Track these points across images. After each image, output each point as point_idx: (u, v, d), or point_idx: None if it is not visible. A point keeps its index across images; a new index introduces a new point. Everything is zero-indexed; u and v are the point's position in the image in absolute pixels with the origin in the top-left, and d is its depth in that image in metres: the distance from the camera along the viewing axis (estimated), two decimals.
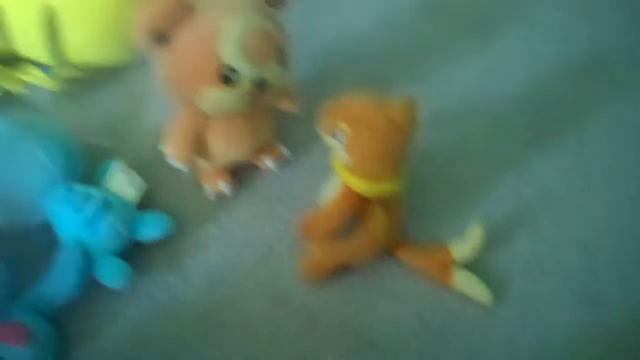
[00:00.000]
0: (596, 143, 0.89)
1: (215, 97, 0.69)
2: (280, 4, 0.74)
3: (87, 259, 0.74)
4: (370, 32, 1.02)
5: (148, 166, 0.85)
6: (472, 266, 0.75)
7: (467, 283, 0.74)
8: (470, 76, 0.97)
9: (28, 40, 0.88)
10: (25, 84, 0.93)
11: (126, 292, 0.76)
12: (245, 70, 0.67)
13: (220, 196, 0.84)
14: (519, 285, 0.76)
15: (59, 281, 0.73)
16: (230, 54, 0.66)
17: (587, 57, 0.99)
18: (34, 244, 0.79)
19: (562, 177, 0.86)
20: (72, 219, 0.75)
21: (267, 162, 0.85)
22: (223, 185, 0.83)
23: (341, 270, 0.77)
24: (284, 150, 0.86)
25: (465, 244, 0.74)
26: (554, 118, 0.92)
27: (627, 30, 1.03)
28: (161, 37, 0.66)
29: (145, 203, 0.82)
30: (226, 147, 0.79)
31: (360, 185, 0.67)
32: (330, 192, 0.71)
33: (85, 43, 0.89)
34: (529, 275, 0.77)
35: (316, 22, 1.03)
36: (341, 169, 0.68)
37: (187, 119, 0.76)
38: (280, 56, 0.70)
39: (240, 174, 0.86)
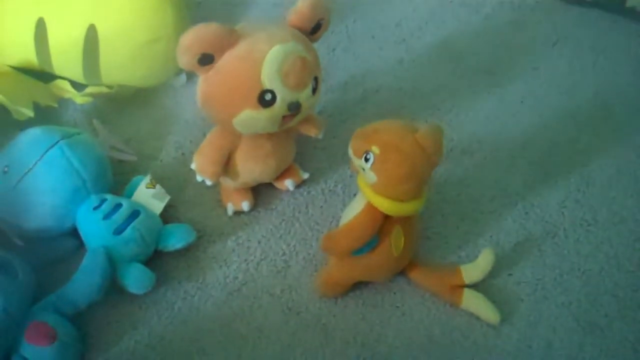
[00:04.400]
0: (600, 182, 0.94)
1: (251, 117, 0.73)
2: (317, 37, 0.79)
3: (112, 264, 0.77)
4: (385, 71, 1.08)
5: (172, 183, 0.90)
6: (480, 288, 0.79)
7: (476, 303, 0.78)
8: (480, 116, 1.02)
9: (66, 57, 0.93)
10: (58, 99, 0.97)
11: (147, 299, 0.80)
12: (283, 94, 0.72)
13: (239, 214, 0.88)
14: (523, 308, 0.81)
15: (83, 283, 0.75)
16: (270, 78, 0.71)
17: (591, 104, 1.05)
18: (61, 248, 0.82)
19: (566, 212, 0.91)
20: (100, 226, 0.79)
21: (287, 184, 0.89)
22: (245, 204, 0.87)
23: (355, 286, 0.81)
24: (303, 174, 0.91)
25: (476, 267, 0.78)
26: (560, 159, 0.97)
27: (630, 81, 1.09)
28: (206, 58, 0.71)
29: (168, 218, 0.86)
30: (252, 166, 0.83)
31: (385, 205, 0.71)
32: (353, 211, 0.75)
33: (120, 63, 0.94)
34: (533, 300, 0.81)
35: (334, 60, 1.09)
36: (367, 188, 0.72)
37: (218, 137, 0.81)
38: (315, 83, 0.76)
39: (259, 193, 0.90)
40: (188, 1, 1.02)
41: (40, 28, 0.91)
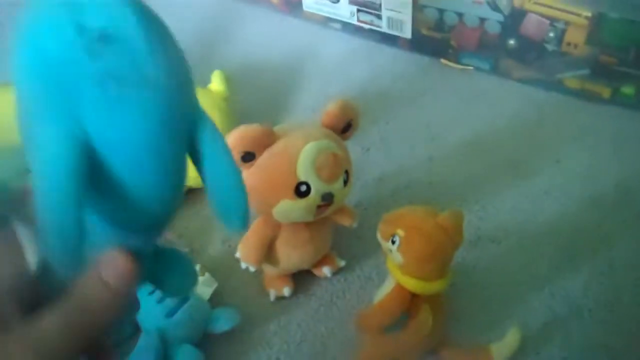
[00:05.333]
0: (624, 265, 0.97)
1: (289, 206, 0.82)
2: (348, 136, 0.89)
3: (164, 345, 0.84)
4: (416, 168, 1.16)
5: (219, 271, 0.98)
6: None
7: None
8: (506, 207, 1.08)
9: None
10: None
11: None
12: (317, 186, 0.81)
13: (281, 299, 0.95)
14: None
15: None
16: (305, 172, 0.80)
17: (613, 192, 1.09)
18: (119, 331, 0.89)
19: (591, 294, 0.94)
20: (154, 309, 0.86)
21: (324, 270, 0.96)
22: (286, 290, 0.94)
23: None
24: (340, 261, 0.98)
25: (504, 345, 0.82)
26: (584, 243, 1.01)
27: None
28: (248, 156, 0.81)
29: (215, 302, 0.93)
30: (291, 253, 0.91)
31: (411, 283, 0.77)
32: (384, 291, 0.81)
33: None
34: None
35: (369, 159, 1.18)
36: (395, 269, 0.79)
37: (261, 226, 0.89)
38: (346, 176, 0.84)
39: (299, 280, 0.96)
40: (234, 108, 1.14)
41: None
